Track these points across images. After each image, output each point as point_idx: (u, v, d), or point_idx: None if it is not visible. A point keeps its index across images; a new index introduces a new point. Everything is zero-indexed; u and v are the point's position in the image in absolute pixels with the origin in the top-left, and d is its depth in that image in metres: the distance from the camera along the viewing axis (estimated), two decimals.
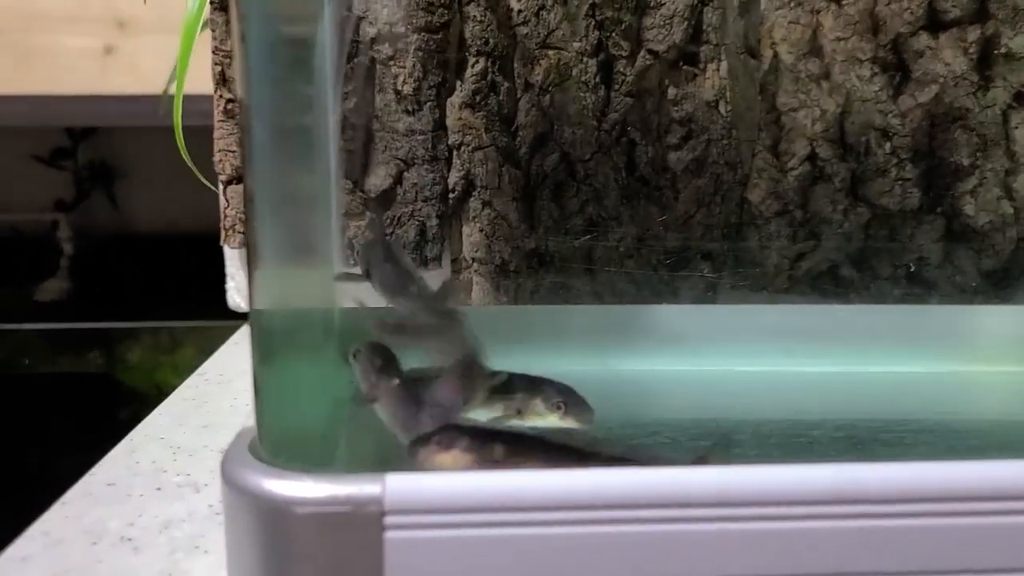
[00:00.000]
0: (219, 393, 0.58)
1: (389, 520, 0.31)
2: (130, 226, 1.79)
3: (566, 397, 0.41)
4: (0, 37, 1.31)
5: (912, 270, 0.58)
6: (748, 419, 0.48)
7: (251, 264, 0.33)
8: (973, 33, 0.56)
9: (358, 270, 0.49)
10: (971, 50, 0.56)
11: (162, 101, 0.72)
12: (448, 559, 0.32)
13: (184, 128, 0.63)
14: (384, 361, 0.40)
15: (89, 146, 1.74)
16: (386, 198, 0.61)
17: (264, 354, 0.34)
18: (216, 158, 0.66)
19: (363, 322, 0.43)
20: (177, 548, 0.39)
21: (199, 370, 0.62)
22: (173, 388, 0.60)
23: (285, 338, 0.38)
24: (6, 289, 1.64)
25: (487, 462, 0.35)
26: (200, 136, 0.69)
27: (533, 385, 0.41)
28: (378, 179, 0.61)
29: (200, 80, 0.66)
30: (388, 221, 0.61)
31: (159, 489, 0.45)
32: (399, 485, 0.31)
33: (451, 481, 0.32)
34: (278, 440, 0.34)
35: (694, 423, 0.48)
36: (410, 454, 0.35)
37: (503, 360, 0.41)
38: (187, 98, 0.63)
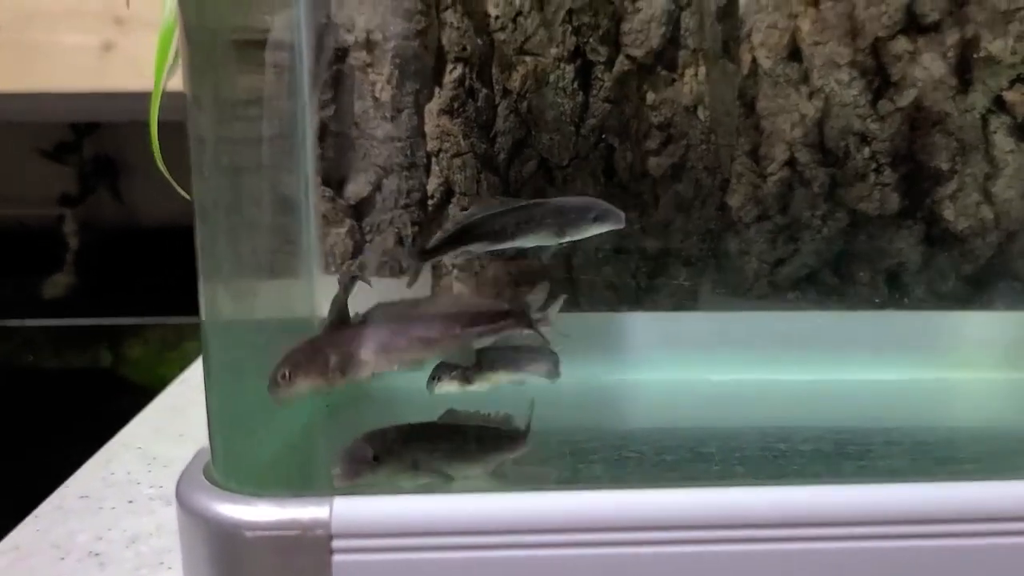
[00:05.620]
0: (200, 401, 0.59)
1: (337, 544, 0.31)
2: (135, 220, 1.79)
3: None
4: None
5: (891, 276, 0.58)
6: (718, 429, 0.48)
7: (201, 277, 0.33)
8: (952, 37, 0.55)
9: None
10: (950, 54, 0.55)
11: (159, 96, 0.72)
12: None
13: (173, 124, 0.63)
14: None
15: (93, 141, 1.74)
16: (365, 205, 0.61)
17: (217, 374, 0.34)
18: None
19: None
20: (143, 564, 0.40)
21: (181, 377, 0.63)
22: None
23: (239, 357, 0.38)
24: (11, 284, 1.65)
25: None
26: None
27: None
28: (358, 186, 0.61)
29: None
30: (368, 228, 0.61)
31: (131, 502, 0.45)
32: (347, 508, 0.32)
33: (400, 504, 0.32)
34: (231, 463, 0.34)
35: (664, 434, 0.48)
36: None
37: None
38: (177, 95, 0.63)
